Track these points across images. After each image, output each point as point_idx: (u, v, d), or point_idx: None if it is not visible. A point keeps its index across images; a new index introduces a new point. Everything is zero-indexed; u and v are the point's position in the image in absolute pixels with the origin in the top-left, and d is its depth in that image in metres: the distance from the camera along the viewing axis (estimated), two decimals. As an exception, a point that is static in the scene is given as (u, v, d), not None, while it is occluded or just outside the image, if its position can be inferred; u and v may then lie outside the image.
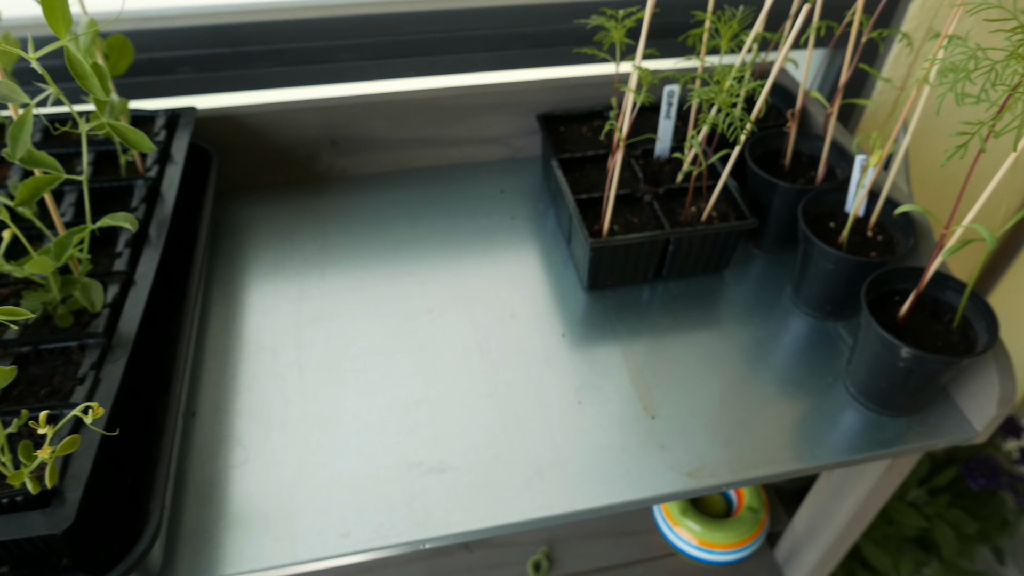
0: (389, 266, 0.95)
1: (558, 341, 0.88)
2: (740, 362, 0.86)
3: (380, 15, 0.96)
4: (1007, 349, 0.78)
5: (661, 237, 0.88)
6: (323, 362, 0.84)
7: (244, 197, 1.03)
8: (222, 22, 0.93)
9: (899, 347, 0.73)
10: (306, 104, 1.00)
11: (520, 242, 0.99)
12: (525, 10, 0.99)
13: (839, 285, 0.86)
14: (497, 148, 1.09)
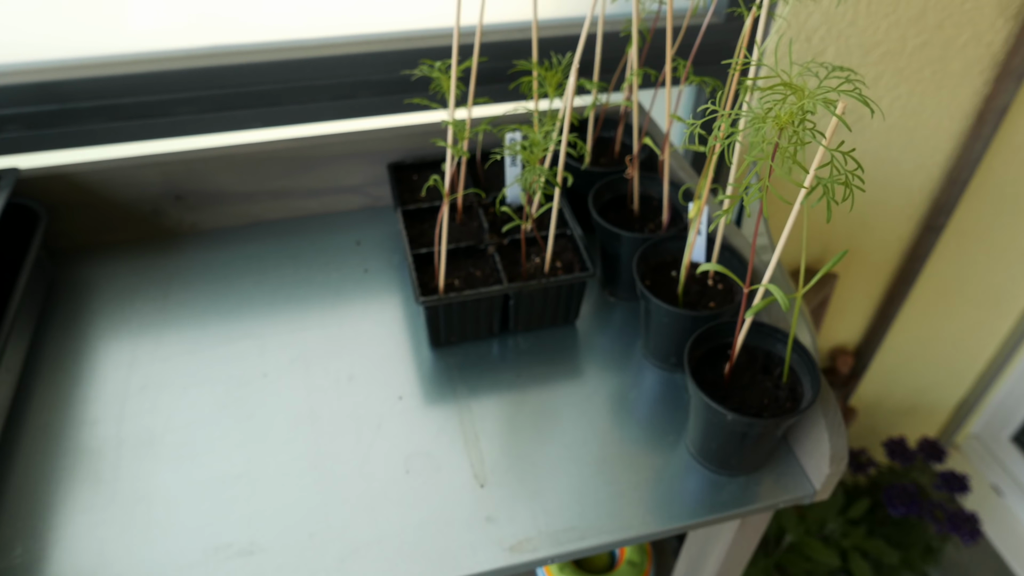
0: (229, 326, 0.92)
1: (394, 405, 0.85)
2: (581, 421, 0.84)
3: (215, 67, 0.93)
4: (835, 403, 0.76)
5: (498, 293, 0.85)
6: (144, 436, 0.81)
7: (87, 257, 1.00)
8: (47, 79, 0.89)
9: (722, 413, 0.71)
10: (144, 160, 0.96)
11: (371, 296, 0.96)
12: (369, 58, 0.96)
13: (679, 337, 0.84)
14: (356, 197, 1.06)
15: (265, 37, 0.95)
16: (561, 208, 0.95)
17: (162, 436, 0.81)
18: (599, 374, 0.89)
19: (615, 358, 0.91)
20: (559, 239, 0.92)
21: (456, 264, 0.90)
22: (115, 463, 0.78)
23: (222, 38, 0.94)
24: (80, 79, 0.90)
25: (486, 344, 0.91)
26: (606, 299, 0.98)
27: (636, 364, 0.91)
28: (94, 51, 0.92)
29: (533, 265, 0.89)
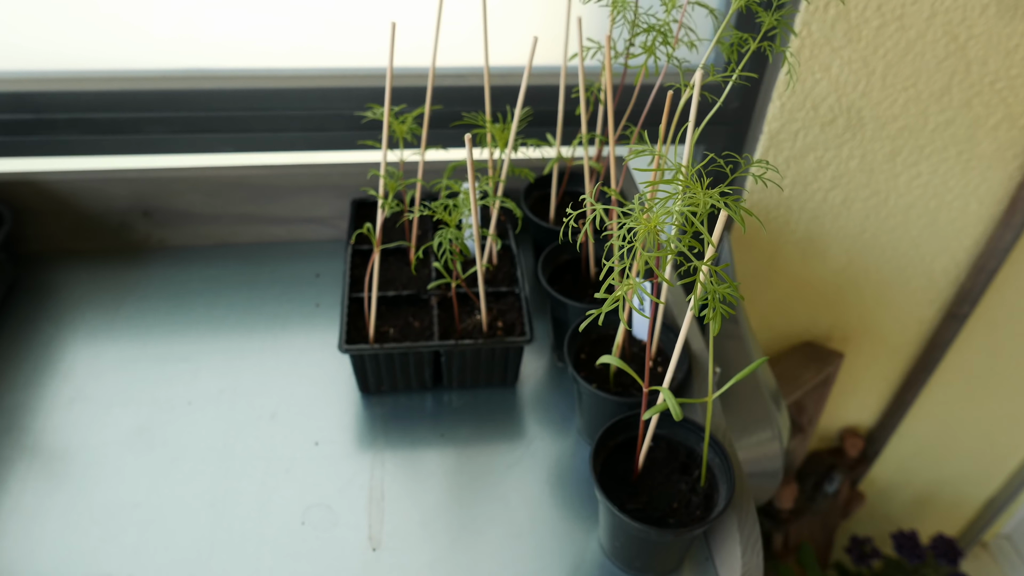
0: (168, 347, 0.92)
1: (309, 450, 0.82)
2: (497, 492, 0.79)
3: (189, 90, 0.93)
4: (754, 517, 0.70)
5: (425, 348, 0.82)
6: (57, 451, 0.81)
7: (52, 263, 1.01)
8: (25, 88, 0.91)
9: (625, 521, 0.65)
10: (114, 174, 0.98)
11: (315, 333, 0.95)
12: (341, 92, 0.95)
13: (606, 419, 0.79)
14: (323, 229, 1.05)
15: (240, 64, 0.95)
16: (514, 265, 0.91)
17: (75, 453, 0.81)
18: (530, 443, 0.85)
19: (552, 428, 0.87)
20: (507, 297, 0.89)
21: (397, 312, 0.87)
22: (23, 475, 0.78)
23: (198, 61, 0.95)
24: (57, 91, 0.92)
25: (419, 396, 0.88)
26: (555, 364, 0.93)
27: (573, 437, 0.86)
28: (73, 65, 0.93)
29: (472, 323, 0.86)
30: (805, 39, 0.98)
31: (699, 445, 0.73)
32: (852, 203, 1.20)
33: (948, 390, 1.59)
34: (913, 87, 1.06)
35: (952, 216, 1.25)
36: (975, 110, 1.10)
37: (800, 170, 1.13)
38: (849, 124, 1.09)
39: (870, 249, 1.27)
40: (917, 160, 1.16)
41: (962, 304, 1.35)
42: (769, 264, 1.26)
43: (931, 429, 1.68)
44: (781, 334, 1.41)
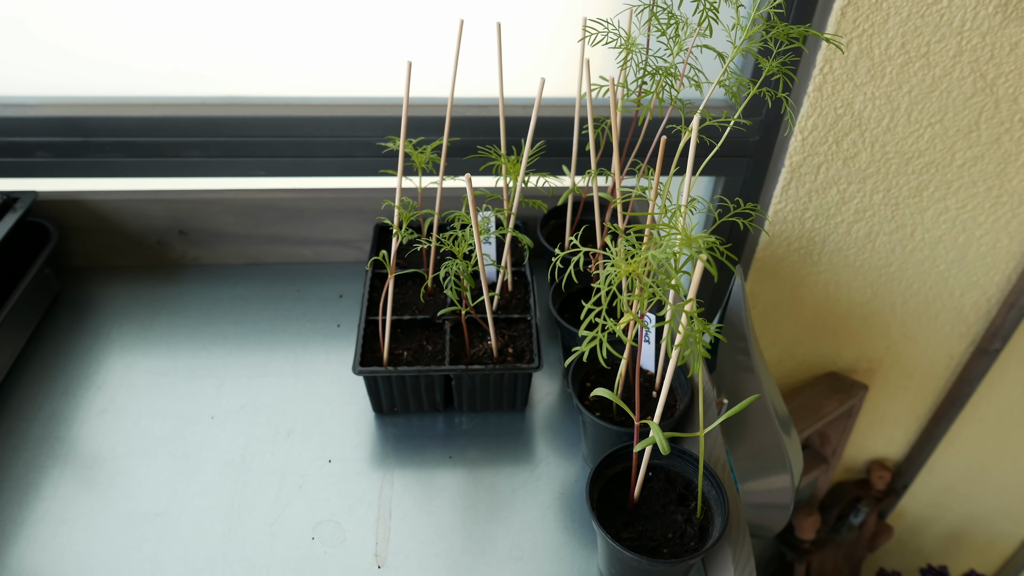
0: (196, 362, 0.96)
1: (322, 467, 0.86)
2: (501, 514, 0.81)
3: (225, 117, 0.98)
4: (749, 550, 0.71)
5: (436, 373, 0.85)
6: (88, 459, 0.85)
7: (94, 277, 1.07)
8: (75, 114, 0.97)
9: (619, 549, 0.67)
10: (152, 195, 1.03)
11: (334, 353, 0.98)
12: (368, 121, 0.99)
13: (608, 447, 0.80)
14: (348, 251, 1.09)
15: (272, 91, 1.00)
16: (528, 292, 0.94)
17: (103, 463, 0.85)
18: (536, 466, 0.86)
19: (559, 453, 0.88)
20: (519, 323, 0.91)
21: (411, 335, 0.90)
22: (55, 482, 0.83)
23: (233, 89, 0.99)
24: (103, 116, 0.97)
25: (431, 418, 0.91)
26: (566, 389, 0.95)
27: (579, 462, 0.88)
28: (118, 91, 0.99)
29: (483, 348, 0.88)
30: (827, 75, 0.98)
31: (697, 476, 0.73)
32: (877, 236, 1.19)
33: (980, 425, 1.55)
34: (940, 123, 1.05)
35: (982, 251, 1.23)
36: (1005, 147, 1.09)
37: (822, 203, 1.13)
38: (873, 159, 1.09)
39: (896, 282, 1.26)
40: (944, 195, 1.15)
41: (993, 340, 1.32)
42: (792, 295, 1.26)
43: (963, 463, 1.65)
44: (805, 364, 1.40)
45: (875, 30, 0.95)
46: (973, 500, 1.76)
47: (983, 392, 1.46)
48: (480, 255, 0.70)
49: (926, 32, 0.96)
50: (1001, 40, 0.97)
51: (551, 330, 1.02)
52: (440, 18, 0.95)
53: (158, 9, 0.92)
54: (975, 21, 0.95)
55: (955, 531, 1.84)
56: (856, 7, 0.92)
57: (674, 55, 0.69)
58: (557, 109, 1.00)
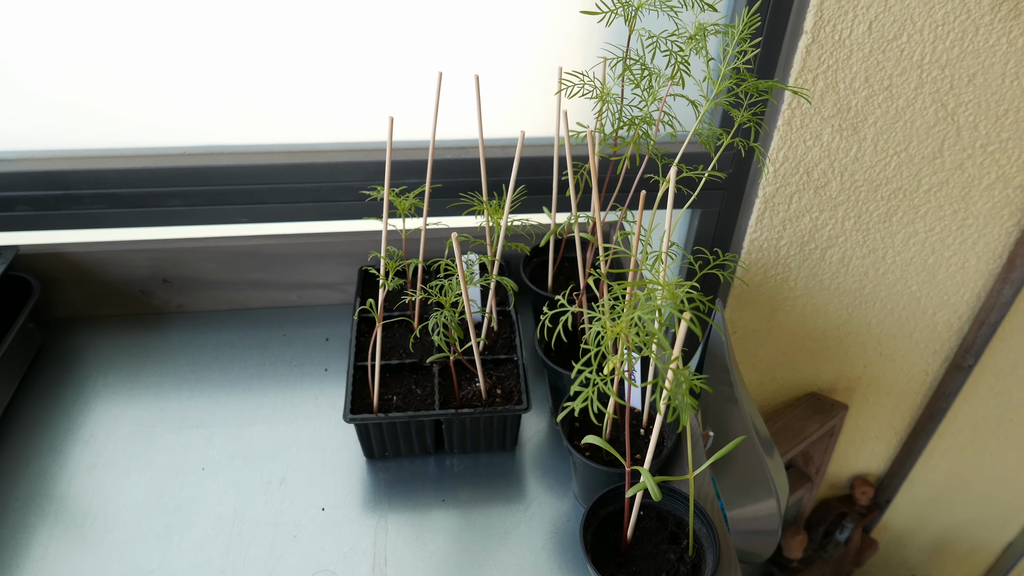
0: (184, 412, 0.96)
1: (315, 515, 0.86)
2: (493, 558, 0.82)
3: (207, 166, 0.99)
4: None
5: (427, 418, 0.85)
6: (78, 517, 0.85)
7: (78, 328, 1.07)
8: (55, 168, 0.97)
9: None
10: (134, 244, 1.03)
11: (323, 398, 0.99)
12: (349, 166, 1.00)
13: (599, 487, 0.82)
14: (333, 293, 1.10)
15: (253, 139, 1.01)
16: (514, 332, 0.95)
17: (94, 519, 0.85)
18: (528, 506, 0.87)
19: (550, 491, 0.89)
20: (505, 364, 0.92)
21: (400, 379, 0.91)
22: (45, 542, 0.83)
23: (214, 139, 1.00)
24: (84, 169, 0.98)
25: (422, 461, 0.92)
26: (554, 426, 0.96)
27: (570, 499, 0.89)
28: (98, 144, 0.99)
29: (472, 390, 0.89)
30: (795, 109, 1.01)
31: (687, 514, 0.75)
32: (850, 261, 1.22)
33: (957, 438, 1.59)
34: (905, 151, 1.09)
35: (951, 271, 1.27)
36: (968, 171, 1.13)
37: (796, 231, 1.16)
38: (843, 187, 1.12)
39: (870, 304, 1.29)
40: (913, 219, 1.18)
41: (966, 356, 1.36)
42: (770, 319, 1.28)
43: (943, 476, 1.68)
44: (785, 386, 1.42)
45: (839, 66, 0.98)
46: (954, 511, 1.79)
47: (959, 406, 1.49)
48: (467, 304, 0.72)
49: (888, 66, 0.99)
50: (959, 72, 1.01)
51: (536, 366, 1.03)
52: (419, 63, 0.97)
53: (138, 60, 0.93)
54: (934, 55, 0.98)
55: (938, 542, 1.87)
56: (820, 45, 0.95)
57: (648, 104, 0.71)
58: (535, 149, 1.02)
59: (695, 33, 0.64)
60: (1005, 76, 1.02)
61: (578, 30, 0.95)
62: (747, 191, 1.12)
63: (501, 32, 0.95)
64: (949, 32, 0.97)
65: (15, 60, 0.91)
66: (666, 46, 0.67)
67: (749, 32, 0.61)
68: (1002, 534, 1.90)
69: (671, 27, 0.69)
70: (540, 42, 0.96)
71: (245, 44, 0.93)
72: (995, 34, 0.97)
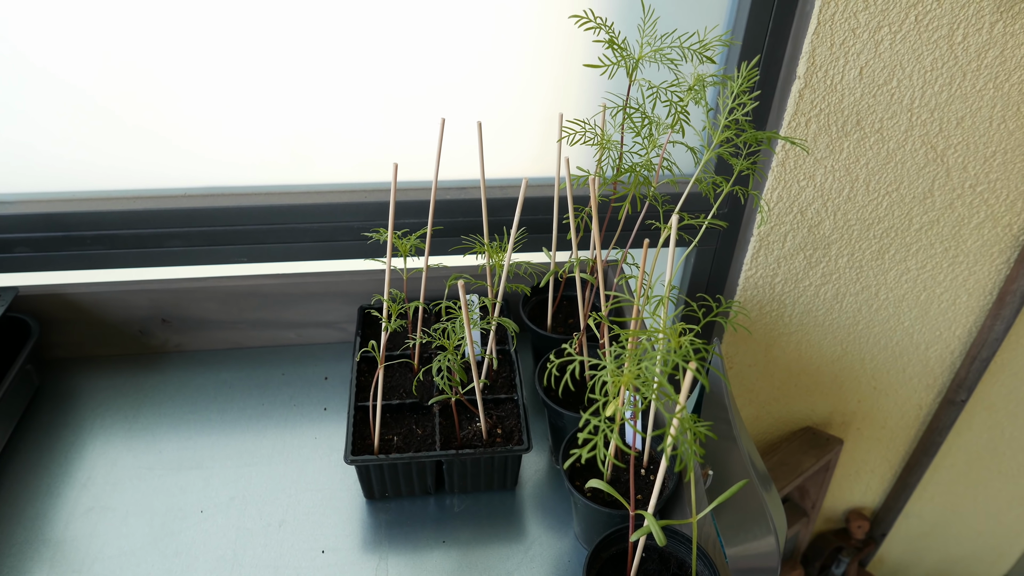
0: (182, 454, 0.96)
1: (315, 558, 0.85)
2: (495, 600, 0.82)
3: (207, 208, 0.99)
4: (744, 631, 0.72)
5: (427, 459, 0.86)
6: (75, 563, 0.84)
7: (76, 368, 1.06)
8: (54, 210, 0.98)
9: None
10: (133, 285, 1.03)
11: (322, 438, 0.98)
12: (349, 207, 1.01)
13: (601, 528, 0.82)
14: (332, 332, 1.10)
15: (252, 180, 1.01)
16: (514, 372, 0.95)
17: (91, 565, 0.84)
18: (529, 547, 0.87)
19: (551, 531, 0.89)
20: (506, 403, 0.93)
21: (400, 419, 0.91)
22: (42, 588, 0.82)
23: (215, 180, 1.01)
24: (84, 211, 0.98)
25: (422, 501, 0.91)
26: (554, 465, 0.96)
27: (571, 539, 0.89)
28: (98, 185, 1.00)
29: (472, 430, 0.89)
30: (789, 152, 1.03)
31: (689, 556, 0.75)
32: (843, 297, 1.24)
33: (951, 472, 1.59)
34: (896, 191, 1.11)
35: (943, 308, 1.28)
36: (958, 211, 1.15)
37: (790, 268, 1.17)
38: (836, 226, 1.13)
39: (864, 339, 1.31)
40: (904, 257, 1.20)
41: (959, 391, 1.37)
42: (765, 355, 1.29)
43: (938, 509, 1.68)
44: (780, 420, 1.43)
45: (831, 109, 1.00)
46: (948, 545, 1.79)
47: (952, 440, 1.50)
48: (471, 348, 0.72)
49: (879, 109, 1.01)
50: (948, 115, 1.03)
51: (536, 404, 1.03)
52: (421, 105, 0.99)
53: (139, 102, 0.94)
54: (923, 99, 1.01)
55: (936, 574, 1.87)
56: (813, 90, 0.97)
57: (648, 151, 0.72)
58: (536, 189, 1.03)
59: (694, 84, 0.66)
60: (992, 119, 1.04)
61: (582, 79, 0.97)
62: (742, 230, 1.13)
63: (506, 80, 0.97)
64: (937, 77, 0.99)
65: (15, 101, 0.92)
66: (666, 96, 0.69)
67: (748, 85, 0.62)
68: (996, 568, 1.90)
69: (670, 78, 0.70)
70: (545, 90, 0.98)
71: (247, 87, 0.94)
72: (982, 79, 1.00)
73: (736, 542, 1.05)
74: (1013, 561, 1.87)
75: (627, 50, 0.68)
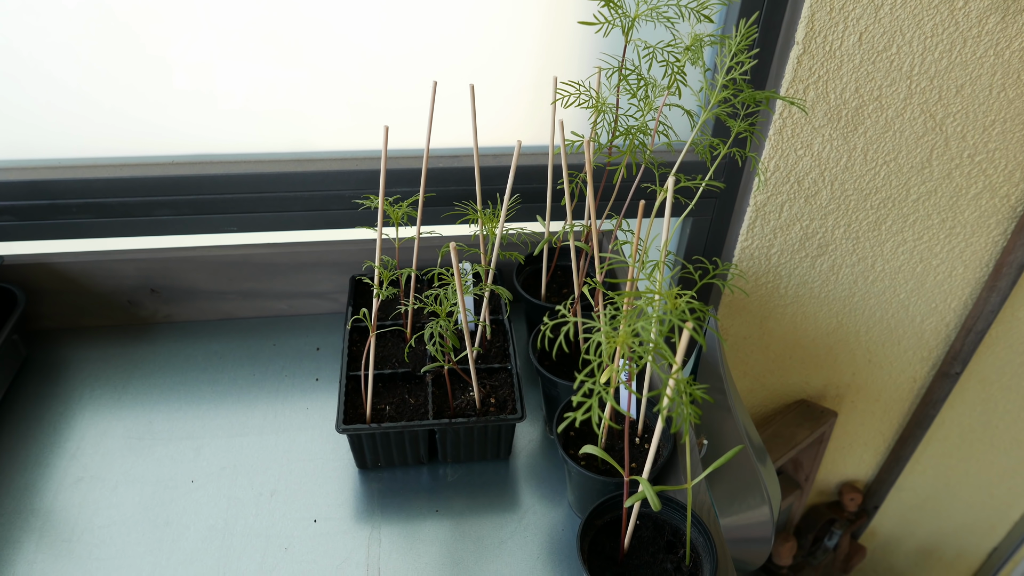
0: (172, 424, 0.95)
1: (307, 527, 0.85)
2: (488, 568, 0.81)
3: (196, 175, 0.98)
4: (738, 598, 0.72)
5: (420, 428, 0.85)
6: (65, 532, 0.83)
7: (65, 339, 1.05)
8: (39, 177, 0.96)
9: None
10: (121, 254, 1.02)
11: (314, 408, 0.98)
12: (341, 175, 0.99)
13: (595, 496, 0.81)
14: (324, 302, 1.09)
15: (242, 148, 1.00)
16: (507, 341, 0.95)
17: (80, 535, 0.83)
18: (523, 516, 0.87)
19: (545, 500, 0.89)
20: (499, 373, 0.92)
21: (393, 388, 0.90)
22: (31, 558, 0.81)
23: (203, 148, 0.99)
24: (71, 179, 0.96)
25: (415, 471, 0.91)
26: (548, 435, 0.96)
27: (565, 508, 0.88)
28: (85, 153, 0.98)
29: (466, 399, 0.89)
30: (787, 120, 1.02)
31: (684, 523, 0.75)
32: (839, 269, 1.23)
33: (945, 444, 1.60)
34: (894, 161, 1.10)
35: (939, 280, 1.28)
36: (956, 181, 1.14)
37: (787, 239, 1.16)
38: (833, 196, 1.12)
39: (859, 312, 1.30)
40: (901, 228, 1.19)
41: (953, 363, 1.37)
42: (760, 327, 1.29)
43: (930, 482, 1.69)
44: (775, 393, 1.43)
45: (830, 76, 0.98)
46: (941, 517, 1.80)
47: (946, 413, 1.50)
48: (464, 314, 0.71)
49: (878, 77, 1.00)
50: (948, 83, 1.02)
51: (530, 375, 1.02)
52: (413, 71, 0.97)
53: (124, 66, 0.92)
54: (923, 66, 0.99)
55: (925, 548, 1.88)
56: (811, 56, 0.96)
57: (644, 114, 0.71)
58: (529, 158, 1.02)
59: (691, 44, 0.65)
60: (992, 87, 1.03)
61: (574, 40, 0.95)
62: (739, 200, 1.12)
63: (497, 41, 0.95)
64: (938, 44, 0.98)
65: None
66: (662, 57, 0.67)
67: (747, 43, 0.61)
68: (988, 539, 1.92)
69: (667, 37, 0.69)
70: (536, 52, 0.96)
71: (235, 50, 0.92)
72: (983, 46, 0.98)
73: (730, 512, 1.05)
74: (1004, 533, 1.88)
75: (623, 7, 0.66)
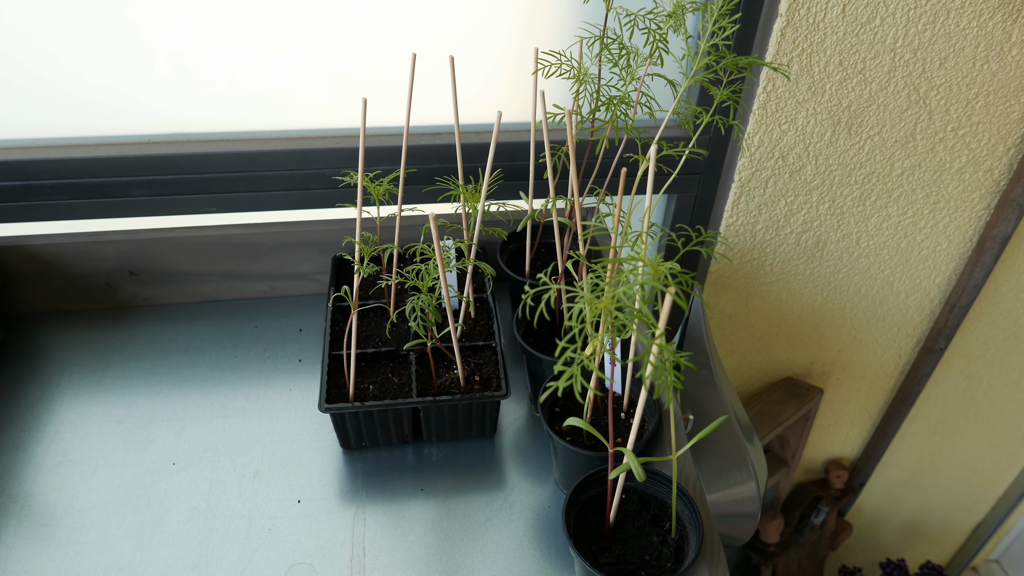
0: (153, 407, 0.94)
1: (291, 508, 0.84)
2: (474, 546, 0.81)
3: (173, 155, 0.96)
4: (724, 569, 0.72)
5: (404, 406, 0.84)
6: (44, 516, 0.82)
7: (42, 323, 1.03)
8: (12, 157, 0.94)
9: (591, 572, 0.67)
10: (99, 236, 1.00)
11: (297, 389, 0.97)
12: (321, 153, 0.98)
13: (580, 471, 0.81)
14: (306, 283, 1.08)
15: (221, 127, 0.98)
16: (491, 319, 0.94)
17: (60, 519, 0.82)
18: (509, 493, 0.86)
19: (530, 478, 0.88)
20: (483, 350, 0.91)
21: (376, 368, 0.90)
22: (9, 543, 0.80)
23: (180, 127, 0.97)
24: (45, 159, 0.94)
25: (400, 450, 0.90)
26: (533, 413, 0.95)
27: (551, 485, 0.88)
28: (59, 132, 0.96)
29: (450, 377, 0.88)
30: (771, 93, 1.01)
31: (669, 497, 0.74)
32: (824, 245, 1.23)
33: (929, 420, 1.61)
34: (878, 135, 1.09)
35: (923, 255, 1.28)
36: (940, 155, 1.14)
37: (772, 215, 1.16)
38: (818, 171, 1.12)
39: (844, 288, 1.30)
40: (886, 203, 1.19)
41: (938, 339, 1.37)
42: (746, 304, 1.29)
43: (915, 458, 1.70)
44: (761, 371, 1.43)
45: (813, 49, 0.98)
46: (926, 493, 1.82)
47: (931, 389, 1.51)
48: (445, 288, 0.70)
49: (861, 49, 0.99)
50: (931, 55, 1.01)
51: (515, 353, 1.02)
52: (392, 47, 0.95)
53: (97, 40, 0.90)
54: (906, 38, 0.99)
55: (911, 524, 1.90)
56: (795, 28, 0.95)
57: (626, 84, 0.70)
58: (511, 135, 1.01)
59: (673, 11, 0.64)
60: (976, 60, 1.03)
61: (556, 12, 0.94)
62: (723, 176, 1.11)
63: (478, 15, 0.94)
64: (921, 15, 0.97)
65: (-30, 44, 0.88)
66: (644, 24, 0.66)
67: (728, 8, 0.60)
68: (972, 515, 1.94)
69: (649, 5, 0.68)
70: (518, 24, 0.95)
71: (211, 24, 0.90)
72: (966, 17, 0.98)
73: (717, 488, 1.05)
74: (988, 508, 1.90)
75: (604, -25, 0.65)
